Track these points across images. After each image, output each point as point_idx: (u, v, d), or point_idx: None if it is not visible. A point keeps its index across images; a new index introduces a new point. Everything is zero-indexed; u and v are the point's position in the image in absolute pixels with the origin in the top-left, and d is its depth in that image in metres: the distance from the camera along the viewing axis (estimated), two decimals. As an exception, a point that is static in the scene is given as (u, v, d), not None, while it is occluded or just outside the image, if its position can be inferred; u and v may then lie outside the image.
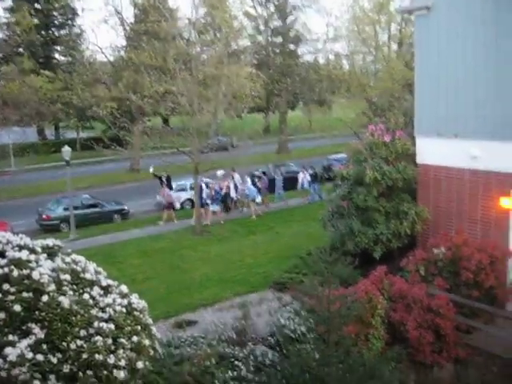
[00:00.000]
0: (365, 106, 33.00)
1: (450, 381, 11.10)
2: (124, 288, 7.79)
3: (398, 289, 12.39)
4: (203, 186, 27.43)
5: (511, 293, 12.94)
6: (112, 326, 6.89)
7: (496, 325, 12.39)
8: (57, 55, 57.39)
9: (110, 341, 6.75)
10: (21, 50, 46.60)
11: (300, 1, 53.86)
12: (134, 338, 7.11)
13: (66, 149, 25.72)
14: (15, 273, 6.67)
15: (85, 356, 6.49)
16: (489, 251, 12.85)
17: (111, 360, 6.59)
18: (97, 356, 6.50)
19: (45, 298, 6.61)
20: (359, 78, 34.59)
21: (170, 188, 29.07)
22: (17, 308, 6.41)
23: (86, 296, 7.09)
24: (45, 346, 6.44)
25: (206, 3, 33.81)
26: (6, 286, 6.52)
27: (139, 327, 7.38)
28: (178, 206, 27.66)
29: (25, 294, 6.54)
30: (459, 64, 14.22)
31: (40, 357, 6.25)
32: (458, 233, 13.98)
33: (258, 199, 28.41)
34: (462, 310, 12.09)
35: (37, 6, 53.01)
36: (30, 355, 6.15)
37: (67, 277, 7.12)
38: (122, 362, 6.70)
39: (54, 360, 6.40)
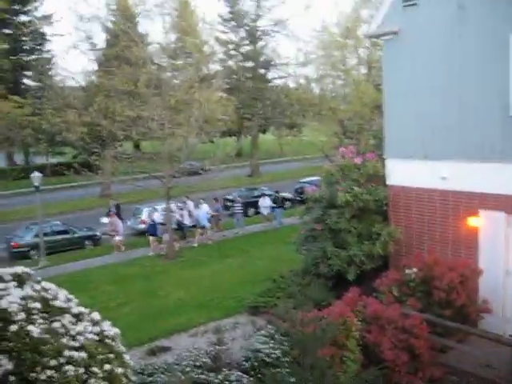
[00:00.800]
0: (336, 129, 33.36)
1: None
2: (96, 315, 7.64)
3: (372, 310, 12.41)
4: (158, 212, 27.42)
5: (482, 311, 13.08)
6: (84, 355, 6.73)
7: (469, 343, 12.48)
8: (26, 80, 56.96)
9: (81, 370, 6.59)
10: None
11: (270, 26, 54.68)
12: (107, 367, 6.96)
13: (36, 174, 25.36)
14: (-17, 302, 6.51)
15: (55, 386, 6.33)
16: (460, 270, 12.99)
17: (83, 390, 6.44)
18: (68, 386, 6.34)
19: (13, 327, 6.44)
20: (329, 101, 35.00)
21: (119, 216, 28.77)
22: (-16, 338, 6.25)
23: (56, 324, 6.93)
24: (13, 378, 6.26)
25: (176, 29, 34.03)
26: (-27, 316, 6.36)
27: (112, 355, 7.23)
28: (118, 237, 26.84)
29: (-7, 324, 6.38)
30: (426, 87, 14.51)
31: (8, 389, 6.07)
32: (430, 253, 14.12)
33: (208, 225, 27.76)
34: (435, 329, 12.16)
35: (6, 30, 52.71)
36: (-3, 387, 5.97)
37: (37, 305, 6.96)
38: (94, 392, 6.55)
39: (23, 392, 6.22)
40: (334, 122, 33.50)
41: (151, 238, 26.26)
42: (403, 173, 15.46)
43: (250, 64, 56.16)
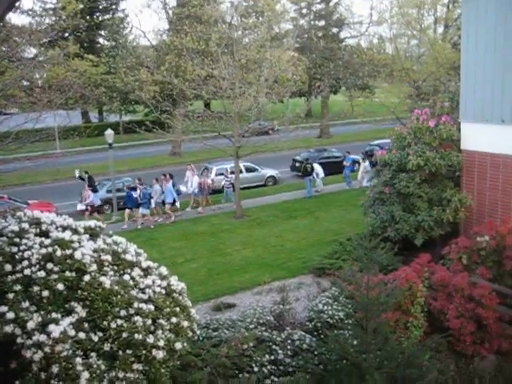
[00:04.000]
0: (408, 91, 32.37)
1: (492, 372, 10.87)
2: (164, 270, 7.88)
3: (439, 277, 12.20)
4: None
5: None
6: (151, 307, 6.98)
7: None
8: (101, 39, 58.09)
9: (149, 321, 6.84)
10: (66, 34, 47.24)
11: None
12: (173, 320, 7.19)
13: (109, 132, 26.07)
14: (58, 252, 6.81)
15: (125, 335, 6.60)
16: (535, 240, 12.51)
17: (150, 340, 6.67)
18: (136, 336, 6.60)
19: (87, 277, 6.74)
20: (403, 62, 33.92)
21: (94, 189, 26.04)
22: (60, 287, 6.56)
23: (126, 277, 7.20)
24: (86, 325, 6.58)
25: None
26: (49, 265, 6.68)
27: (178, 309, 7.45)
28: (80, 205, 25.47)
29: (67, 274, 6.68)
30: (508, 47, 13.76)
31: (82, 335, 6.38)
32: (504, 221, 13.64)
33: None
34: (505, 300, 11.82)
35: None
36: (72, 333, 6.28)
37: (108, 257, 7.23)
38: (161, 343, 6.79)
39: (95, 338, 6.53)
40: (407, 83, 32.49)
41: (127, 210, 24.24)
42: (479, 138, 14.88)
43: (322, 23, 54.93)
